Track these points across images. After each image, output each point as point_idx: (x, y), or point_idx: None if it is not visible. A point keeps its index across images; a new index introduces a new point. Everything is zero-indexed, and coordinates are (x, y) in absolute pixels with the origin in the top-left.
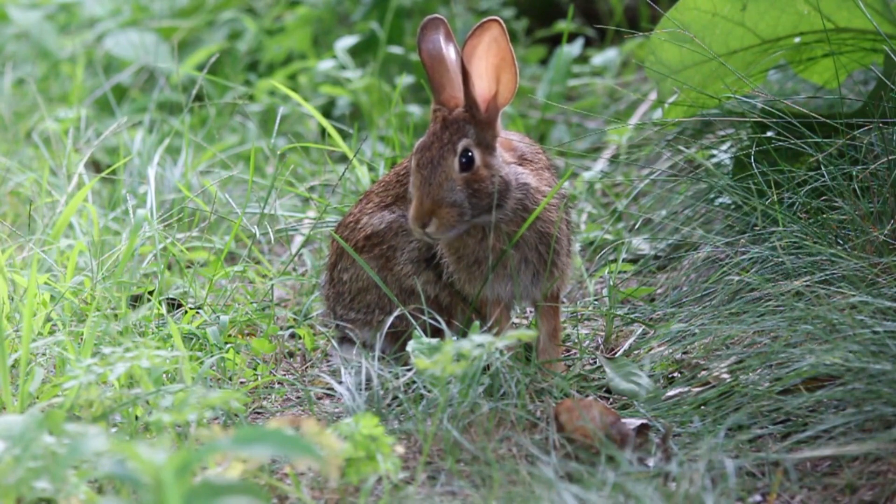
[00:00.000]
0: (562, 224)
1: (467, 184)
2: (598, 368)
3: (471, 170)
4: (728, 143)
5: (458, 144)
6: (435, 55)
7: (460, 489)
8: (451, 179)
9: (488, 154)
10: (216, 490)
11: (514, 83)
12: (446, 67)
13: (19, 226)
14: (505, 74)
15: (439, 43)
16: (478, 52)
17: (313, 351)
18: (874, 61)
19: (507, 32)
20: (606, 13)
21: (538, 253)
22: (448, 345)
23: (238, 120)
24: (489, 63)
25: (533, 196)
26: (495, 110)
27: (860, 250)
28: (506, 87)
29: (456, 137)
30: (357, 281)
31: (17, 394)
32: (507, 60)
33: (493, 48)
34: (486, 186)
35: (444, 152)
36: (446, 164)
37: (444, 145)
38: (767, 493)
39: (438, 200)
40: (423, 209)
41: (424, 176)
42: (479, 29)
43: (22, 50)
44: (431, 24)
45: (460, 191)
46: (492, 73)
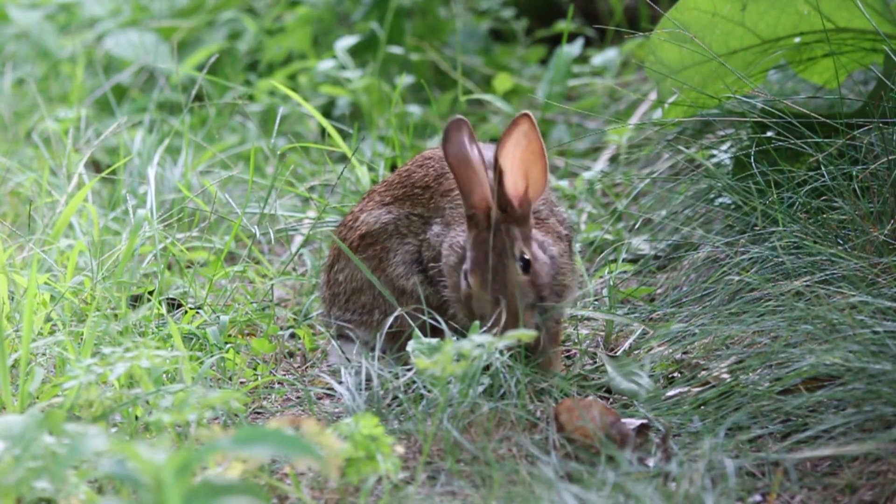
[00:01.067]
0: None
1: (533, 285)
2: (597, 369)
3: (529, 271)
4: (728, 143)
5: (514, 249)
6: (462, 158)
7: (460, 489)
8: (521, 283)
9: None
10: (216, 490)
11: (545, 175)
12: (473, 169)
13: (19, 226)
14: (534, 168)
15: (465, 145)
16: (507, 150)
17: (313, 351)
18: (874, 61)
19: (537, 127)
20: (606, 13)
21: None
22: (448, 345)
23: (238, 120)
24: (517, 158)
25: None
26: (528, 205)
27: (860, 250)
28: (536, 181)
29: (510, 242)
30: (352, 281)
31: (17, 394)
32: (537, 154)
33: (522, 142)
34: (543, 280)
35: (504, 261)
36: (511, 272)
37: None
38: (767, 493)
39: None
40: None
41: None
42: (511, 126)
43: (22, 50)
44: (454, 125)
45: (530, 291)
46: (520, 168)
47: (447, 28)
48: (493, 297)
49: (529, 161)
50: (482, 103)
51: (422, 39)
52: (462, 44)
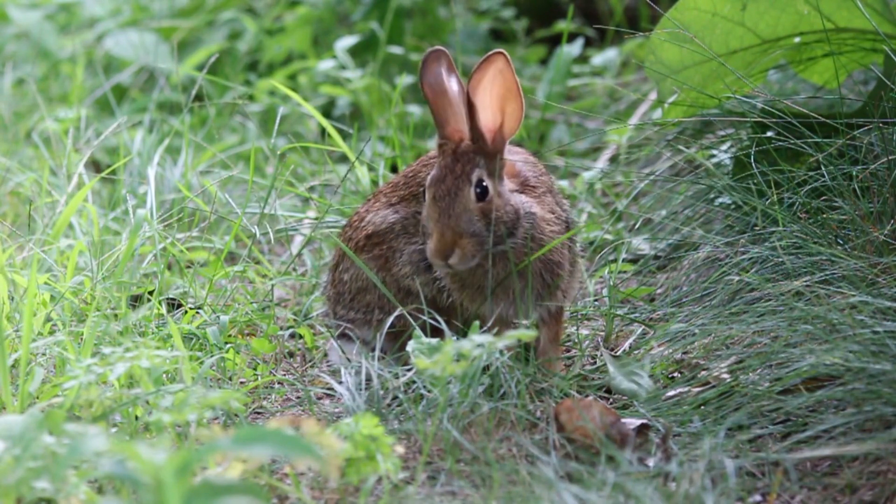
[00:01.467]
0: (564, 249)
1: (483, 214)
2: (597, 369)
3: (485, 199)
4: (728, 143)
5: (472, 175)
6: (438, 88)
7: (460, 489)
8: (469, 210)
9: (498, 184)
10: (216, 490)
11: (520, 114)
12: (449, 101)
13: (19, 226)
14: (510, 105)
15: (441, 76)
16: (483, 84)
17: (313, 351)
18: (874, 61)
19: (511, 65)
20: (606, 13)
21: (542, 279)
22: (448, 345)
23: (238, 120)
24: (494, 94)
25: (539, 225)
26: (501, 141)
27: (860, 250)
28: (511, 117)
29: (469, 168)
30: (357, 281)
31: (17, 394)
32: (512, 91)
33: (498, 80)
34: (500, 216)
35: (459, 183)
36: (463, 195)
37: (458, 177)
38: (767, 493)
39: (459, 232)
40: (445, 241)
41: (442, 208)
42: (484, 62)
43: (22, 50)
44: (433, 56)
45: (478, 221)
46: (497, 105)
47: (447, 28)
48: (438, 213)
49: (505, 98)
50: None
51: (422, 39)
52: (462, 44)
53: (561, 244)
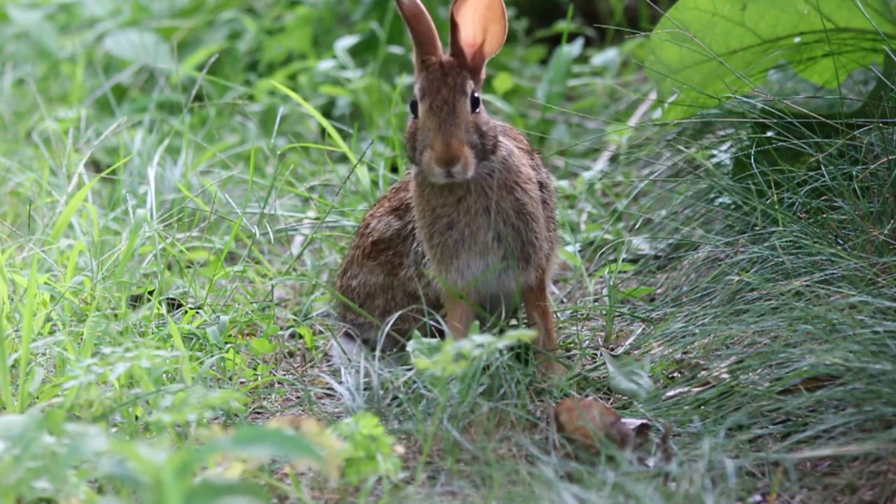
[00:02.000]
0: (538, 206)
1: (477, 126)
2: (596, 368)
3: (476, 110)
4: (728, 143)
5: (465, 86)
6: (416, 11)
7: (460, 489)
8: (468, 121)
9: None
10: (216, 490)
11: (503, 34)
12: (428, 22)
13: (19, 226)
14: (493, 25)
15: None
16: (468, 2)
17: (313, 351)
18: (874, 61)
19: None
20: (606, 13)
21: (514, 230)
22: (448, 345)
23: (238, 120)
24: (478, 13)
25: (515, 161)
26: (481, 59)
27: (860, 250)
28: (493, 37)
29: (461, 80)
30: (365, 287)
31: (17, 394)
32: (496, 12)
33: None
34: (487, 130)
35: (455, 94)
36: (460, 105)
37: (452, 88)
38: (767, 493)
39: (462, 140)
40: (452, 148)
41: (443, 117)
42: None
43: (22, 50)
44: None
45: (474, 133)
46: (479, 23)
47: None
48: (439, 122)
49: (489, 18)
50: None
51: None
52: None
53: (537, 200)
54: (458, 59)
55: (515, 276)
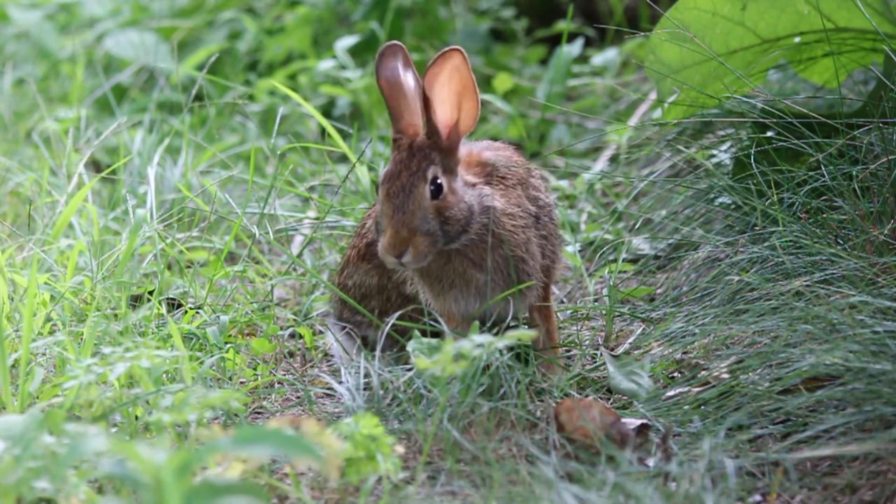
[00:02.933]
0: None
1: (438, 211)
2: (596, 368)
3: (440, 197)
4: (728, 143)
5: (427, 172)
6: (393, 82)
7: (460, 489)
8: (424, 208)
9: (453, 180)
10: (216, 490)
11: (476, 111)
12: (404, 94)
13: (19, 226)
14: (467, 102)
15: (398, 70)
16: (440, 79)
17: (313, 351)
18: (874, 61)
19: (468, 62)
20: (606, 13)
21: (504, 275)
22: (448, 345)
23: (238, 120)
24: (451, 90)
25: (498, 219)
26: (457, 137)
27: (860, 250)
28: (468, 114)
29: (424, 164)
30: (361, 287)
31: (17, 394)
32: (468, 88)
33: (455, 76)
34: (454, 213)
35: (414, 180)
36: (418, 193)
37: (413, 173)
38: (767, 493)
39: (413, 229)
40: (399, 238)
41: (397, 205)
42: (440, 57)
43: (22, 50)
44: (389, 50)
45: (433, 219)
46: (454, 101)
47: (447, 28)
48: (392, 210)
49: (462, 94)
50: (482, 103)
51: (422, 39)
52: (462, 44)
53: (526, 240)
54: (431, 139)
55: (515, 303)
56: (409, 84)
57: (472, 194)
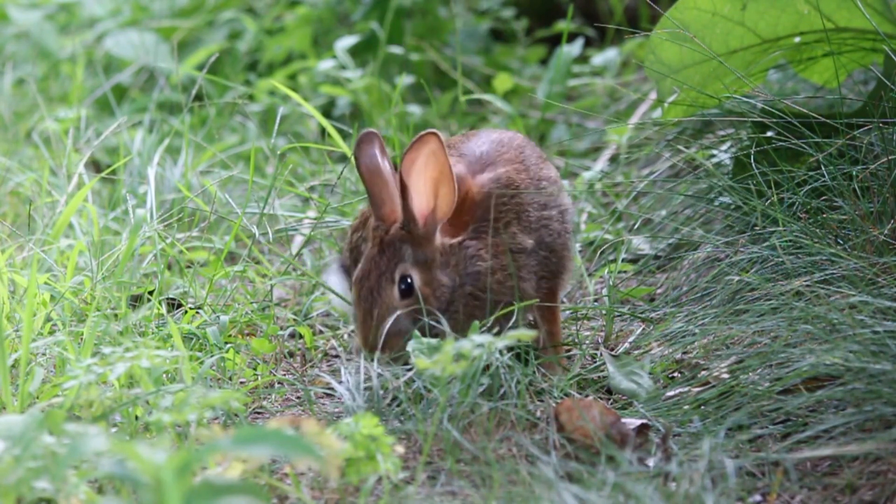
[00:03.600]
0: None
1: (410, 306)
2: (596, 368)
3: (411, 295)
4: (728, 143)
5: (395, 272)
6: (373, 169)
7: (460, 489)
8: (393, 309)
9: (429, 270)
10: (216, 490)
11: (453, 197)
12: (384, 182)
13: (19, 226)
14: (443, 188)
15: (376, 158)
16: (416, 166)
17: (313, 351)
18: (874, 61)
19: (444, 145)
20: (606, 13)
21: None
22: (448, 345)
23: (238, 120)
24: (427, 178)
25: (483, 282)
26: (433, 225)
27: (860, 250)
28: (444, 200)
29: (392, 264)
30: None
31: (17, 394)
32: (445, 174)
33: (431, 162)
34: (430, 303)
35: (382, 282)
36: (386, 296)
37: (381, 273)
38: (767, 493)
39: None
40: (369, 345)
41: (366, 310)
42: (417, 142)
43: (22, 50)
44: (366, 138)
45: (404, 318)
46: (430, 188)
47: (447, 28)
48: (362, 315)
49: (439, 181)
50: (482, 103)
51: (422, 39)
52: (462, 44)
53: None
54: (407, 227)
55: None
56: (386, 170)
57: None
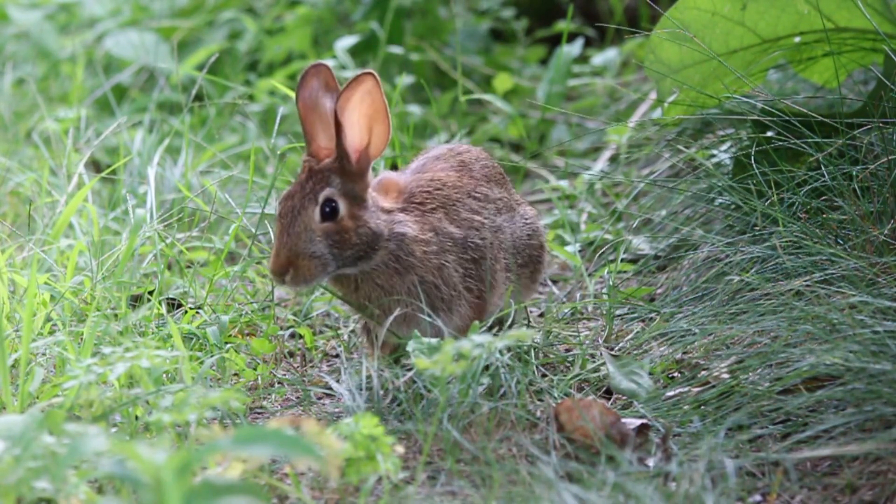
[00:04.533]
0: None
1: (327, 234)
2: (596, 368)
3: (334, 220)
4: (728, 143)
5: (320, 194)
6: (310, 104)
7: (460, 489)
8: (311, 230)
9: (356, 205)
10: (216, 490)
11: (387, 135)
12: (319, 117)
13: (19, 226)
14: (378, 126)
15: (316, 91)
16: (351, 103)
17: (313, 351)
18: (874, 61)
19: (381, 85)
20: (606, 13)
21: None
22: (448, 345)
23: (238, 120)
24: (362, 114)
25: (408, 246)
26: (367, 161)
27: (860, 250)
28: (378, 138)
29: (319, 187)
30: None
31: (17, 394)
32: (380, 112)
33: (366, 100)
34: (349, 237)
35: (305, 202)
36: (306, 215)
37: (306, 195)
38: (767, 493)
39: (295, 251)
40: (280, 260)
41: (283, 226)
42: (353, 82)
43: (22, 50)
44: (313, 70)
45: (320, 241)
46: (364, 125)
47: (447, 28)
48: (279, 231)
49: (373, 118)
50: (482, 103)
51: (422, 39)
52: (462, 44)
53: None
54: (339, 162)
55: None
56: (325, 106)
57: (382, 220)
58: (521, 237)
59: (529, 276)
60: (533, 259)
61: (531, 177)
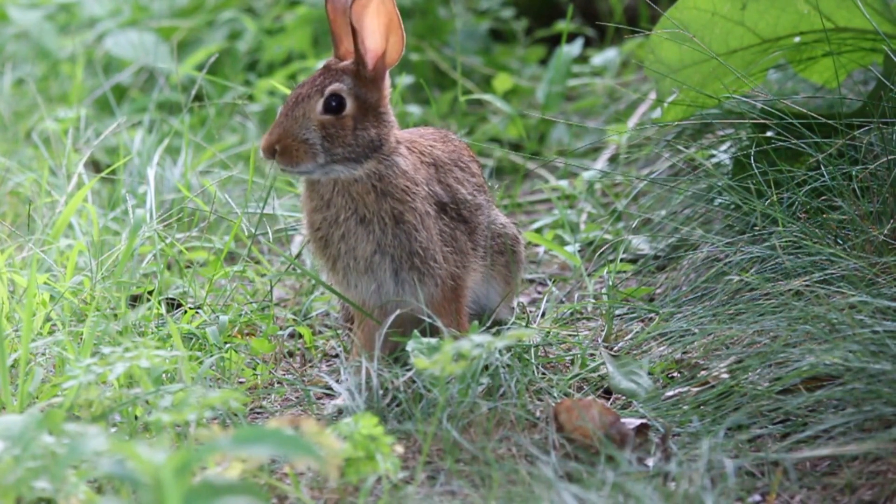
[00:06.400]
0: (426, 220)
1: (324, 126)
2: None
3: (336, 115)
4: (728, 143)
5: (327, 88)
6: (339, 7)
7: (460, 489)
8: (309, 118)
9: (365, 110)
10: (216, 490)
11: (401, 45)
12: (345, 21)
13: (19, 226)
14: (393, 35)
15: None
16: (368, 10)
17: (313, 351)
18: (874, 61)
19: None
20: (606, 13)
21: (397, 240)
22: (447, 344)
23: (238, 120)
24: (379, 22)
25: (395, 176)
26: (382, 68)
27: (860, 250)
28: (394, 47)
29: (328, 81)
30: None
31: (17, 394)
32: (394, 22)
33: (381, 10)
34: (345, 136)
35: (312, 92)
36: (309, 104)
37: (315, 86)
38: (767, 493)
39: (287, 132)
40: (271, 138)
41: (286, 109)
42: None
43: (22, 50)
44: None
45: (315, 130)
46: (382, 32)
47: (447, 28)
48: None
49: (388, 27)
50: (482, 103)
51: (422, 39)
52: (462, 44)
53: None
54: (356, 66)
55: (412, 290)
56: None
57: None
58: (496, 223)
59: (505, 265)
60: (508, 249)
61: (531, 177)
